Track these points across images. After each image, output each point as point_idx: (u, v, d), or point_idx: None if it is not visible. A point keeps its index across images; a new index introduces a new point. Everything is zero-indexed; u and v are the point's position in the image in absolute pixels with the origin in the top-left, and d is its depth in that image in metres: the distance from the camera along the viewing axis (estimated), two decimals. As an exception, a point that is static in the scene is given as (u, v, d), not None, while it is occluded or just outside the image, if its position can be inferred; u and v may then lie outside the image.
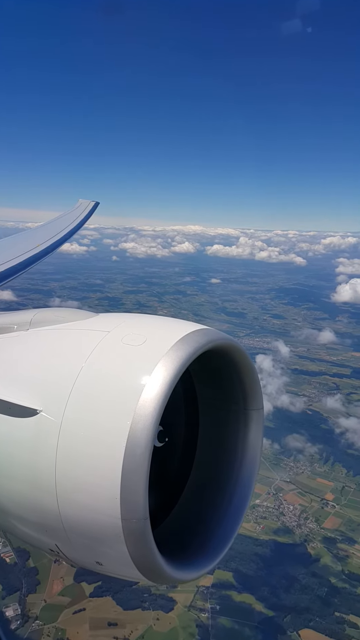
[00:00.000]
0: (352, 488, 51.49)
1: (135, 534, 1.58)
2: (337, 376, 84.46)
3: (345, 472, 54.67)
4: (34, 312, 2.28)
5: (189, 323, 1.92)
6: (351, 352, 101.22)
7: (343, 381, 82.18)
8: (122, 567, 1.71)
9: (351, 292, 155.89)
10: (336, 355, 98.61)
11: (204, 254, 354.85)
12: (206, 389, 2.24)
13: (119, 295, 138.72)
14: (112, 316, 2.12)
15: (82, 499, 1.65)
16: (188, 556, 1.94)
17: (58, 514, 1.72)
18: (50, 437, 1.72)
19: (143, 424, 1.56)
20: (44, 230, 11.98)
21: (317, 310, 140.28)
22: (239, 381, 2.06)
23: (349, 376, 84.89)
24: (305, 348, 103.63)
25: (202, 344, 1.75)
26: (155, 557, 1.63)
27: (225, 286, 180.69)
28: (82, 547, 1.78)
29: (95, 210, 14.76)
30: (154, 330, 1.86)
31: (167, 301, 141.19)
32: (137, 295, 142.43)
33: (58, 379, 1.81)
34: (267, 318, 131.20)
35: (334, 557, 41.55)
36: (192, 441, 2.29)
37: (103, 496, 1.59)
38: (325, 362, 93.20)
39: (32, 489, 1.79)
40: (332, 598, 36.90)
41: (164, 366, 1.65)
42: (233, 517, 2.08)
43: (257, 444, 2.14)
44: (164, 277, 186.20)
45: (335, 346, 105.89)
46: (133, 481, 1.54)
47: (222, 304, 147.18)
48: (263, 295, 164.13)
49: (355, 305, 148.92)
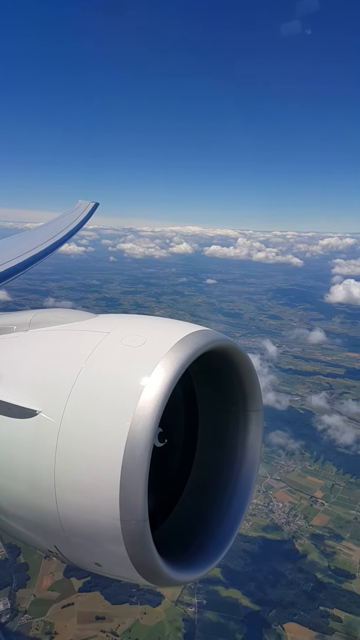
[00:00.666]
0: (342, 486, 51.99)
1: (135, 536, 1.58)
2: (331, 376, 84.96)
3: (335, 470, 55.16)
4: (34, 313, 2.28)
5: (188, 324, 1.93)
6: (346, 352, 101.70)
7: (336, 381, 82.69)
8: (121, 568, 1.71)
9: (344, 292, 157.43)
10: (331, 356, 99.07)
11: (202, 255, 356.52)
12: (206, 390, 2.25)
13: (116, 296, 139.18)
14: (112, 317, 2.13)
15: (81, 500, 1.65)
16: (188, 557, 1.94)
17: (57, 515, 1.72)
18: (50, 438, 1.72)
19: (142, 425, 1.56)
20: (43, 231, 12.05)
21: (313, 311, 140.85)
22: (238, 382, 2.07)
23: (343, 376, 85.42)
24: (300, 348, 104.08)
25: (202, 345, 1.76)
26: (154, 559, 1.63)
27: (222, 287, 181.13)
28: (81, 548, 1.78)
29: (95, 211, 14.80)
30: (153, 332, 1.87)
31: (165, 302, 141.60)
32: (134, 295, 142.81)
33: (57, 380, 1.81)
34: (263, 319, 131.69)
35: (321, 553, 42.04)
36: (192, 442, 2.29)
37: (102, 497, 1.59)
38: (319, 362, 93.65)
39: (31, 490, 1.79)
40: (317, 593, 37.41)
41: (164, 367, 1.65)
42: (233, 518, 2.09)
43: (257, 446, 2.14)
44: (162, 278, 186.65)
45: (330, 346, 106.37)
46: (132, 482, 1.54)
47: (219, 304, 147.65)
48: (260, 295, 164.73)
49: (351, 306, 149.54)
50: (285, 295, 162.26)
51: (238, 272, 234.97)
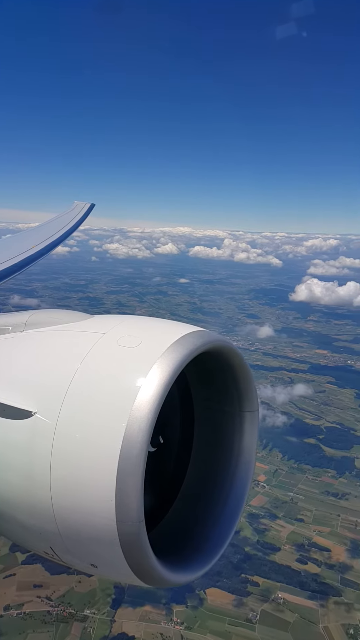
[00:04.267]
0: (284, 471, 55.20)
1: (131, 537, 1.59)
2: (294, 371, 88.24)
3: (281, 457, 58.35)
4: (29, 314, 2.27)
5: (184, 325, 1.93)
6: (315, 349, 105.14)
7: (299, 375, 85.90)
8: (117, 570, 1.71)
9: (306, 291, 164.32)
10: (300, 353, 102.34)
11: (187, 256, 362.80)
12: (201, 391, 2.25)
13: (100, 296, 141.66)
14: (108, 318, 2.13)
15: (77, 502, 1.65)
16: (184, 558, 1.95)
17: (53, 516, 1.72)
18: (45, 439, 1.72)
19: (138, 426, 1.56)
20: (39, 232, 12.13)
21: (291, 310, 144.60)
22: (234, 383, 2.08)
23: (305, 371, 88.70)
24: (272, 346, 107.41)
25: (198, 346, 1.76)
26: (150, 560, 1.65)
27: (206, 287, 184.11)
28: (76, 549, 1.78)
29: (90, 212, 14.87)
30: (149, 332, 1.87)
31: (148, 301, 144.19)
32: (118, 295, 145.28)
33: (53, 381, 1.81)
34: (241, 317, 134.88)
35: (254, 530, 45.09)
36: (188, 443, 2.30)
37: (98, 498, 1.59)
38: (287, 359, 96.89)
39: (26, 491, 1.79)
40: (242, 564, 40.54)
41: (160, 368, 1.65)
42: (229, 518, 2.11)
43: (252, 446, 2.16)
44: (147, 278, 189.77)
45: (302, 344, 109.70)
46: (128, 483, 1.55)
47: (201, 303, 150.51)
48: (243, 295, 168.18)
49: (329, 306, 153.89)
50: (267, 295, 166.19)
51: (225, 272, 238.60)
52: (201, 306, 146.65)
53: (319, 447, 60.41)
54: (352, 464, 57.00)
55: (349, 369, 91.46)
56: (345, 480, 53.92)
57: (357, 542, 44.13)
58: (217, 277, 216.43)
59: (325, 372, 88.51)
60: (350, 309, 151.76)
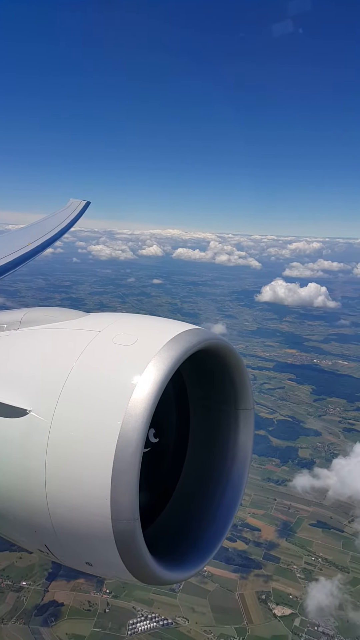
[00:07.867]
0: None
1: (126, 535, 1.59)
2: (259, 369, 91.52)
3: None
4: (24, 312, 2.30)
5: (180, 323, 1.93)
6: (285, 349, 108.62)
7: (262, 373, 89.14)
8: (112, 567, 1.72)
9: (271, 292, 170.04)
10: (270, 352, 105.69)
11: (170, 258, 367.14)
12: (197, 389, 2.26)
13: (83, 296, 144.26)
14: (103, 316, 2.14)
15: (72, 500, 1.66)
16: (179, 556, 1.96)
17: (48, 514, 1.73)
18: (40, 437, 1.73)
19: (134, 424, 1.57)
20: (34, 229, 12.08)
21: (268, 312, 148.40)
22: (229, 381, 2.09)
23: (270, 369, 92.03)
24: (244, 345, 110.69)
25: (194, 344, 1.77)
26: (145, 558, 1.65)
27: (190, 288, 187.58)
28: (71, 547, 1.79)
29: (86, 210, 14.81)
30: (145, 330, 1.88)
31: (130, 302, 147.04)
32: (101, 296, 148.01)
33: (48, 379, 1.82)
34: (219, 318, 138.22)
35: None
36: (183, 441, 2.32)
37: (93, 496, 1.60)
38: (255, 357, 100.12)
39: (21, 489, 1.80)
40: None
41: (155, 366, 1.66)
42: (224, 516, 2.12)
43: (248, 444, 2.18)
44: (135, 279, 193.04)
45: (273, 344, 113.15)
46: (123, 481, 1.55)
47: (181, 305, 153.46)
48: (225, 297, 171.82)
49: (305, 307, 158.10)
50: (247, 297, 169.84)
51: (210, 274, 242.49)
52: (182, 307, 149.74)
53: (267, 437, 63.55)
54: (296, 453, 60.34)
55: (314, 367, 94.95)
56: (287, 468, 57.14)
57: (287, 523, 47.36)
58: (202, 279, 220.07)
59: (289, 370, 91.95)
60: (326, 310, 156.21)
